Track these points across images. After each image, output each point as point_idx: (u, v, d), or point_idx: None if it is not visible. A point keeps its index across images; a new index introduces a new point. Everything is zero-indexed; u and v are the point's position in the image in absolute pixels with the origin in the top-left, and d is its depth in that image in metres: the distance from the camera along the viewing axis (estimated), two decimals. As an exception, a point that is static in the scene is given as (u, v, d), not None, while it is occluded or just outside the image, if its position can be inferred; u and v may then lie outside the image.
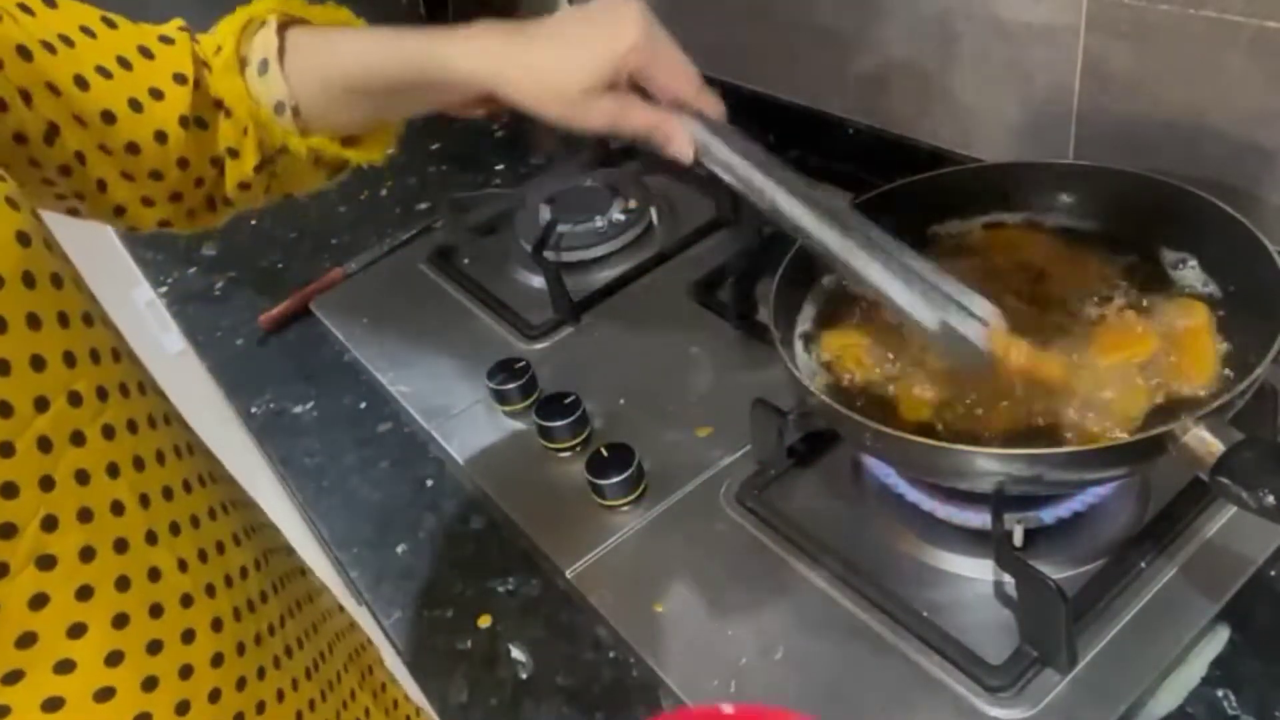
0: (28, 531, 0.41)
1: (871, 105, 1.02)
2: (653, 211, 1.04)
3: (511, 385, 0.84)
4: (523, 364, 0.85)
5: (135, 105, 0.54)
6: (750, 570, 0.68)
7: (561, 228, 1.02)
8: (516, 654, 0.68)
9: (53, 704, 0.44)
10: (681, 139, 0.59)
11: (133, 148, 0.54)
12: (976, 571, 0.64)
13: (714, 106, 0.60)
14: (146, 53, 0.56)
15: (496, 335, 0.96)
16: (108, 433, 0.45)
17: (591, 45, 0.56)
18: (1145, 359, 0.62)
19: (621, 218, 1.03)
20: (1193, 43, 0.71)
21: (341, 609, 0.72)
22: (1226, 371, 0.61)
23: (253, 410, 0.97)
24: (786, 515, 0.69)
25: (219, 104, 0.59)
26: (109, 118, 0.53)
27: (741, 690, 0.60)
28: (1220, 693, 0.56)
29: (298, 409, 0.96)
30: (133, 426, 0.47)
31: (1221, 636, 0.58)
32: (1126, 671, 0.56)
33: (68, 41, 0.52)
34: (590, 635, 0.68)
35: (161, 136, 0.56)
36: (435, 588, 0.74)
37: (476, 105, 0.62)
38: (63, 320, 0.44)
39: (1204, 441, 0.51)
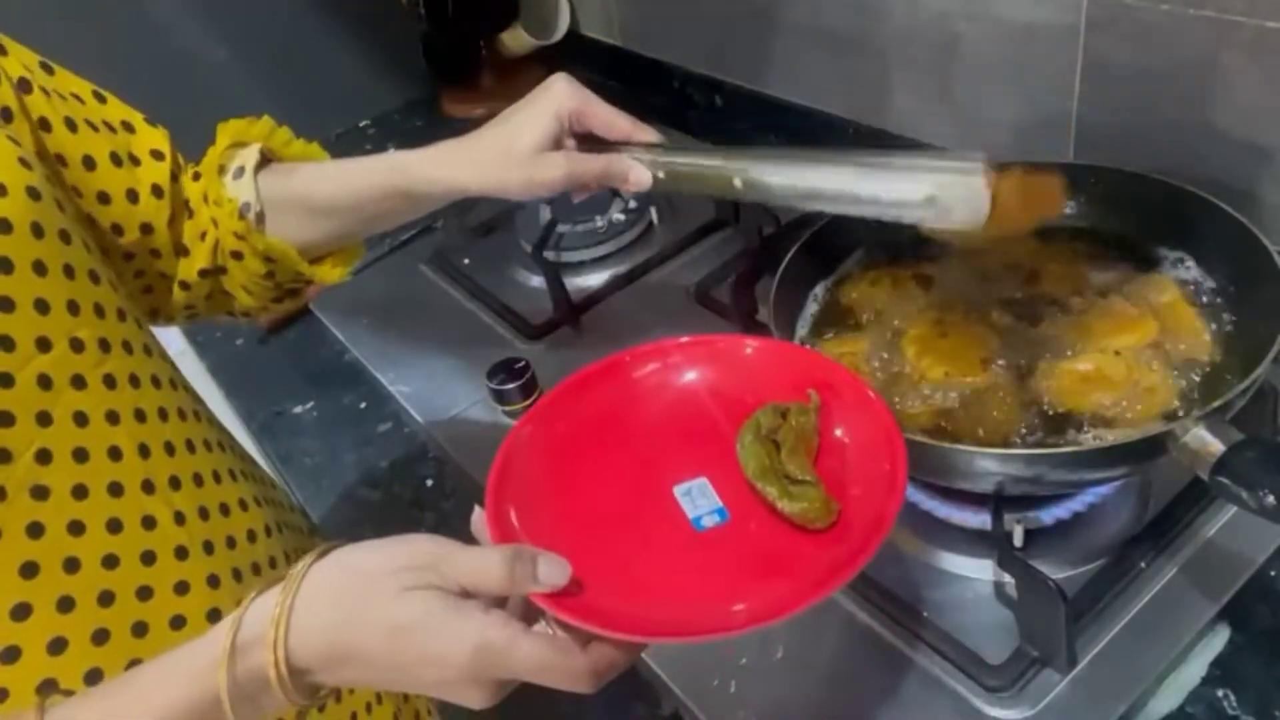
0: (22, 460, 0.43)
1: (871, 105, 1.02)
2: (653, 211, 1.04)
3: (511, 385, 0.84)
4: (523, 364, 0.85)
5: (115, 160, 0.57)
6: (750, 570, 0.68)
7: (561, 228, 1.02)
8: (516, 654, 0.68)
9: (57, 645, 0.45)
10: (636, 168, 0.63)
11: (103, 197, 0.56)
12: (976, 571, 0.64)
13: (653, 134, 0.64)
14: (129, 127, 0.59)
15: (496, 335, 0.96)
16: (109, 382, 0.48)
17: (529, 109, 0.62)
18: (1153, 338, 0.63)
19: (621, 218, 1.03)
20: (1193, 43, 0.71)
21: None
22: (1212, 325, 0.64)
23: (253, 410, 0.97)
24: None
25: (186, 203, 0.62)
26: (89, 163, 0.56)
27: (742, 689, 0.60)
28: (1220, 693, 0.56)
29: (298, 409, 0.96)
30: (135, 381, 0.50)
31: (1221, 636, 0.58)
32: (1126, 671, 0.56)
33: (62, 96, 0.55)
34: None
35: (133, 195, 0.58)
36: (435, 588, 0.74)
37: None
38: (68, 272, 0.47)
39: (1204, 441, 0.51)
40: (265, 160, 0.63)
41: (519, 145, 0.61)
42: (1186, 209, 0.66)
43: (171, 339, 1.21)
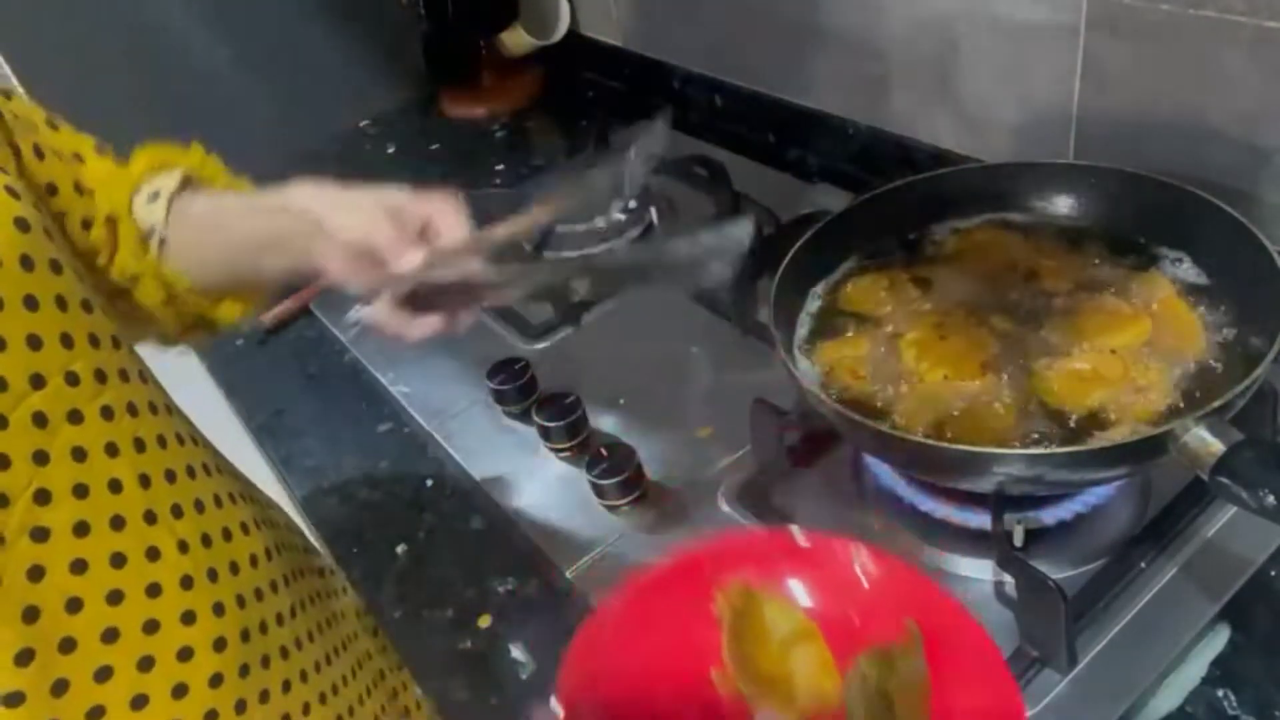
0: (19, 504, 0.42)
1: (871, 105, 1.02)
2: (653, 211, 1.04)
3: (511, 385, 0.84)
4: (523, 364, 0.85)
5: (77, 189, 0.57)
6: (750, 570, 0.68)
7: (561, 228, 1.02)
8: (516, 654, 0.68)
9: (60, 687, 0.44)
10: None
11: (51, 189, 0.55)
12: (976, 571, 0.64)
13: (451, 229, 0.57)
14: (79, 157, 0.58)
15: (496, 335, 0.96)
16: (106, 414, 0.47)
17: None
18: (1148, 337, 0.63)
19: (621, 218, 1.03)
20: (1193, 43, 0.71)
21: (360, 613, 0.72)
22: (1211, 325, 0.63)
23: (253, 411, 0.97)
24: (787, 515, 0.69)
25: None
26: (52, 189, 0.55)
27: (741, 690, 0.60)
28: (1220, 693, 0.56)
29: (298, 409, 0.96)
30: (133, 410, 0.49)
31: (1221, 636, 0.58)
32: (1126, 671, 0.56)
33: (24, 123, 0.54)
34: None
35: (87, 224, 0.57)
36: (435, 588, 0.74)
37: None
38: (60, 304, 0.45)
39: (1204, 441, 0.51)
40: (186, 186, 0.60)
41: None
42: (1186, 209, 0.66)
43: (171, 339, 1.21)
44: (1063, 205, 0.75)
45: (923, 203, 0.77)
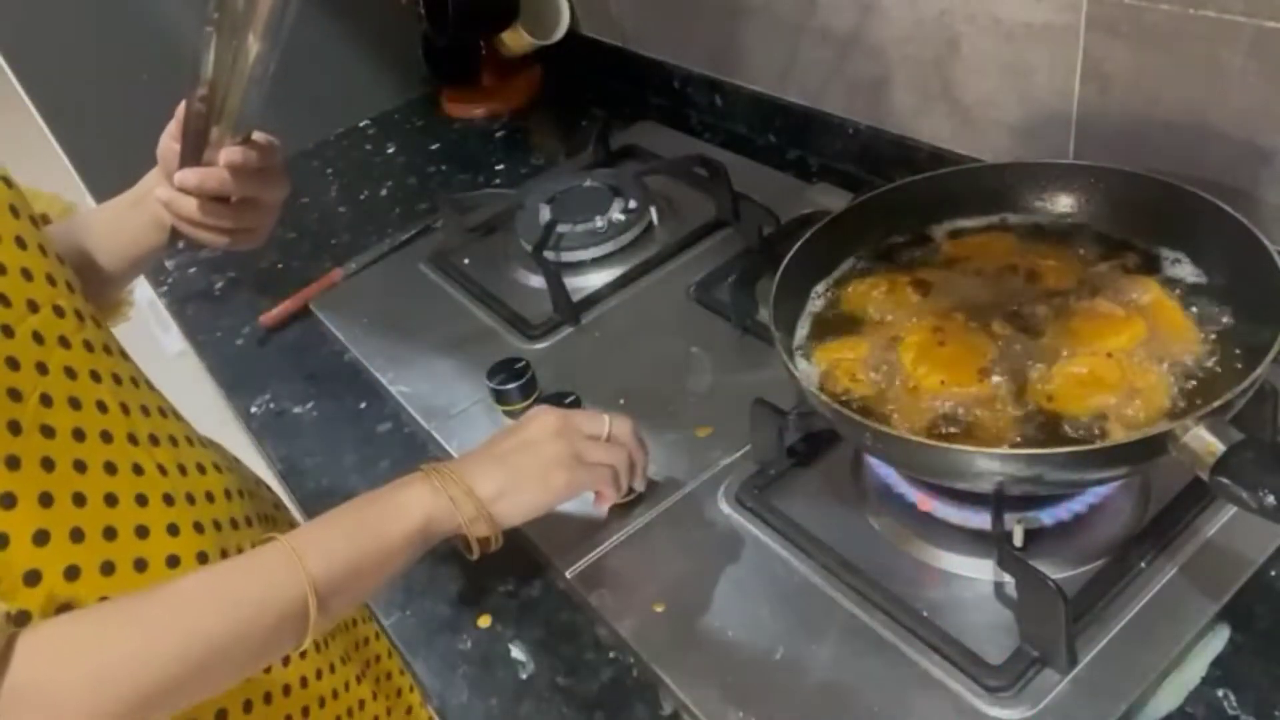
0: (30, 401, 0.48)
1: (871, 105, 1.02)
2: (653, 211, 1.04)
3: (511, 385, 0.84)
4: (523, 364, 0.85)
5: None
6: (750, 570, 0.68)
7: (561, 228, 1.02)
8: (516, 654, 0.68)
9: (72, 572, 0.49)
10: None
11: None
12: (976, 571, 0.64)
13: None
14: None
15: (496, 335, 0.96)
16: (88, 346, 0.54)
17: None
18: (1143, 339, 0.63)
19: (621, 218, 1.03)
20: (1193, 43, 0.71)
21: None
22: (1209, 325, 0.63)
23: (253, 410, 0.97)
24: (786, 515, 0.69)
25: None
26: None
27: (742, 689, 0.60)
28: (1220, 693, 0.56)
29: (298, 409, 0.96)
30: (107, 349, 0.56)
31: (1221, 636, 0.58)
32: (1126, 671, 0.56)
33: None
34: (590, 635, 0.68)
35: None
36: (435, 588, 0.74)
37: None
38: (42, 250, 0.52)
39: (1204, 441, 0.51)
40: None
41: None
42: (1186, 209, 0.66)
43: (171, 339, 1.21)
44: (1063, 205, 0.75)
45: (922, 203, 0.77)
